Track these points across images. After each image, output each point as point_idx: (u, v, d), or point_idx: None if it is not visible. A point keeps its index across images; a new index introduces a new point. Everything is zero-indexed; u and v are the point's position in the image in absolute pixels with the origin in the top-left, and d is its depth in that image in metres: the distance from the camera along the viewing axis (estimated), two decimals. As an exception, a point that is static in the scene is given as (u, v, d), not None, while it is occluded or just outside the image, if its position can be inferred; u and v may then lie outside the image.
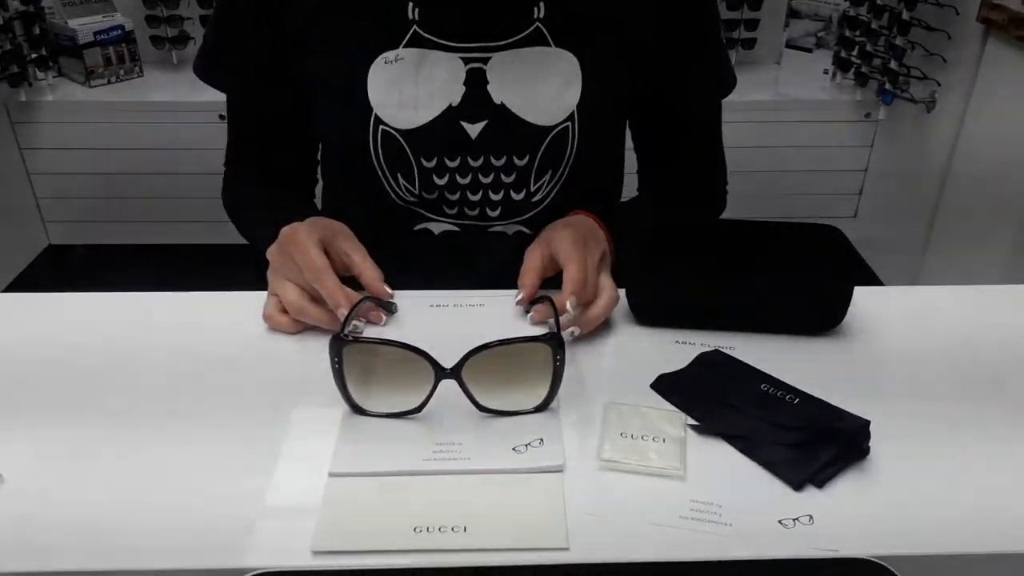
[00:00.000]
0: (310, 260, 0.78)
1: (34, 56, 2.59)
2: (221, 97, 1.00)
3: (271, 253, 0.82)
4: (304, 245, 0.78)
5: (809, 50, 2.67)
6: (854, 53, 2.50)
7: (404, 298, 0.86)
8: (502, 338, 0.68)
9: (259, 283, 0.86)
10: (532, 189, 0.95)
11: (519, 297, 0.81)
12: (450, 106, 0.91)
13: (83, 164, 2.71)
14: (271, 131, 1.01)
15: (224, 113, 1.01)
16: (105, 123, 2.65)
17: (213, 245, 2.68)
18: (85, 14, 2.64)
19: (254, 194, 1.03)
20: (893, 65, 2.37)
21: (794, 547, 0.57)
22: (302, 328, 0.81)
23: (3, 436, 0.68)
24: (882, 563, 0.56)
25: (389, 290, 0.82)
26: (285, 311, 0.80)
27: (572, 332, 0.77)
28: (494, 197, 0.95)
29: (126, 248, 2.86)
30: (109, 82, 2.70)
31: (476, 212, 0.97)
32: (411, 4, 0.88)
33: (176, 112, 2.60)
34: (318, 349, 0.67)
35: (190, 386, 0.74)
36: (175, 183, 2.72)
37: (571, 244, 0.80)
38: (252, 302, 0.86)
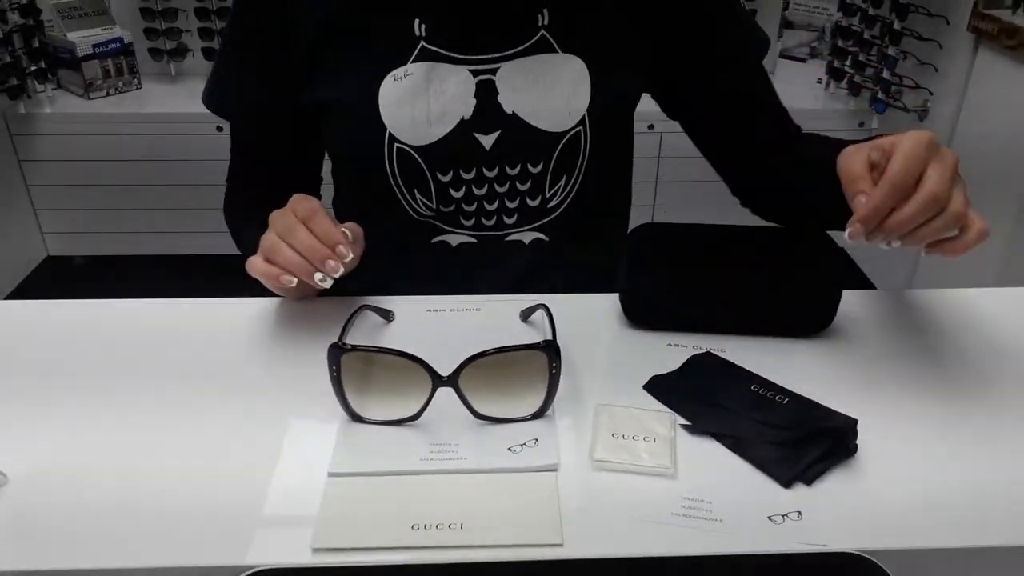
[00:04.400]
0: (306, 204, 0.79)
1: (33, 69, 2.61)
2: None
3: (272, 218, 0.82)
4: (303, 198, 0.80)
5: (803, 60, 2.70)
6: (847, 63, 2.52)
7: (401, 303, 0.88)
8: (499, 346, 0.69)
9: (257, 291, 0.87)
10: (547, 195, 0.96)
11: (854, 222, 0.68)
12: (463, 119, 0.91)
13: (82, 176, 2.73)
14: (276, 157, 1.02)
15: (221, 125, 1.02)
16: (104, 135, 2.67)
17: (212, 256, 2.70)
18: (84, 27, 2.66)
19: (255, 213, 1.04)
20: (886, 74, 2.40)
21: (783, 542, 0.59)
22: (277, 276, 0.78)
23: (6, 438, 0.69)
24: (869, 557, 0.57)
25: (345, 239, 0.79)
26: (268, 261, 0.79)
27: (889, 242, 0.69)
28: (510, 205, 0.96)
29: (124, 259, 2.87)
30: (108, 94, 2.72)
31: (493, 221, 0.97)
32: (417, 20, 0.89)
33: (174, 124, 2.62)
34: (317, 355, 0.69)
35: (189, 391, 0.75)
36: (173, 194, 2.74)
37: (918, 144, 0.68)
38: (253, 309, 0.88)
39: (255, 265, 0.80)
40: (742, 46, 0.98)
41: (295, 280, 0.77)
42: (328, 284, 0.77)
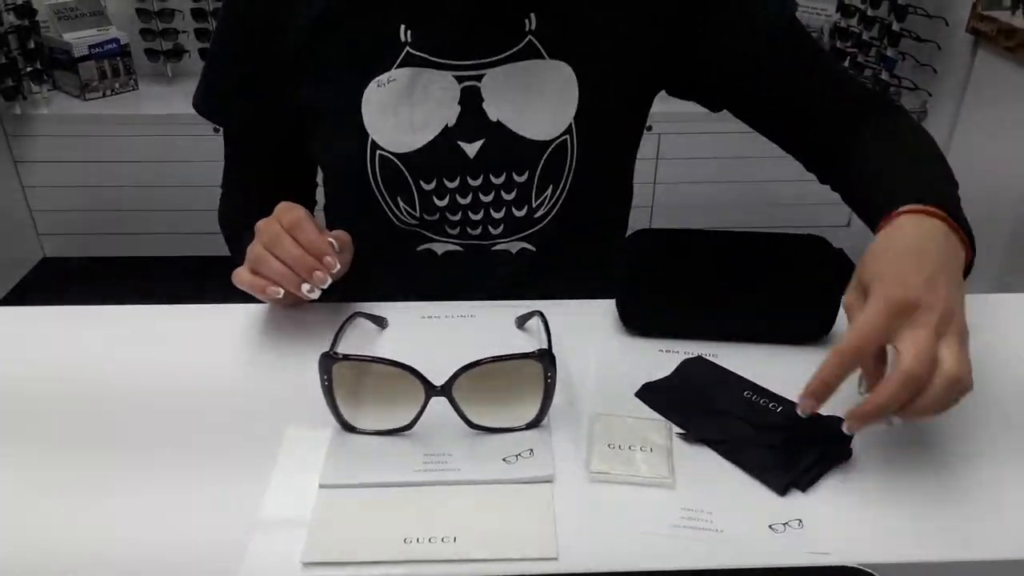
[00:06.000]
0: (291, 213, 0.78)
1: (29, 70, 2.60)
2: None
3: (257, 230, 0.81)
4: (288, 207, 0.79)
5: (801, 61, 2.68)
6: (846, 64, 2.51)
7: (395, 311, 0.87)
8: (493, 355, 0.68)
9: (250, 297, 0.86)
10: (534, 205, 0.94)
11: (803, 404, 0.63)
12: (446, 127, 0.90)
13: (78, 177, 2.72)
14: (269, 161, 1.00)
15: (219, 127, 1.01)
16: (100, 136, 2.66)
17: (208, 257, 2.68)
18: (80, 28, 2.66)
19: (249, 220, 1.02)
20: (884, 76, 2.39)
21: (785, 552, 0.58)
22: (263, 288, 0.77)
23: (-5, 449, 0.69)
24: (870, 571, 0.56)
25: (332, 249, 0.78)
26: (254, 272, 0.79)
27: (890, 420, 0.61)
28: (496, 215, 0.94)
29: (121, 261, 2.86)
30: (104, 95, 2.71)
31: (479, 231, 0.95)
32: (403, 26, 0.87)
33: (171, 125, 2.62)
34: (310, 364, 0.68)
35: (179, 399, 0.74)
36: (170, 195, 2.73)
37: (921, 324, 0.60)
38: (245, 315, 0.87)
39: (241, 277, 0.79)
40: (749, 15, 0.91)
41: (282, 292, 0.77)
42: (315, 295, 0.77)
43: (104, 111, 2.66)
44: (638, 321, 0.83)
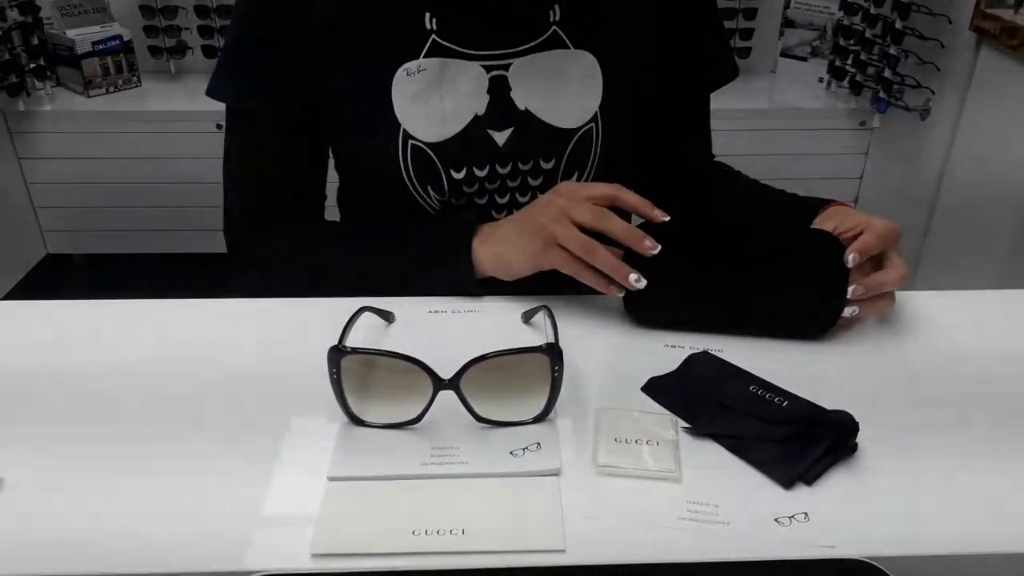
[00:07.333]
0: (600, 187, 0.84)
1: (32, 66, 2.60)
2: (219, 106, 0.96)
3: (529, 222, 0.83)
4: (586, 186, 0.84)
5: (804, 59, 2.68)
6: (848, 62, 2.51)
7: (401, 305, 0.87)
8: (501, 348, 0.68)
9: (254, 292, 0.86)
10: None
11: (852, 257, 0.79)
12: (476, 116, 0.91)
13: (81, 174, 2.72)
14: (299, 156, 0.98)
15: (222, 122, 0.98)
16: (103, 133, 2.66)
17: (211, 254, 2.69)
18: (83, 24, 2.65)
19: (337, 231, 1.00)
20: (887, 74, 2.39)
21: (790, 545, 0.58)
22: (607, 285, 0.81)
23: (3, 440, 0.69)
24: (876, 564, 0.56)
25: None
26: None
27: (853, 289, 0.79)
28: (521, 200, 0.96)
29: (124, 257, 2.87)
30: (107, 92, 2.71)
31: (503, 215, 0.97)
32: (428, 14, 0.88)
33: (174, 122, 2.61)
34: (317, 357, 0.68)
35: (187, 393, 0.75)
36: (173, 192, 2.73)
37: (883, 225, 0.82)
38: (253, 309, 0.87)
39: (586, 276, 0.80)
40: (717, 63, 1.04)
41: (623, 292, 0.81)
42: (643, 284, 0.79)
43: (107, 108, 2.66)
44: (644, 316, 0.84)
